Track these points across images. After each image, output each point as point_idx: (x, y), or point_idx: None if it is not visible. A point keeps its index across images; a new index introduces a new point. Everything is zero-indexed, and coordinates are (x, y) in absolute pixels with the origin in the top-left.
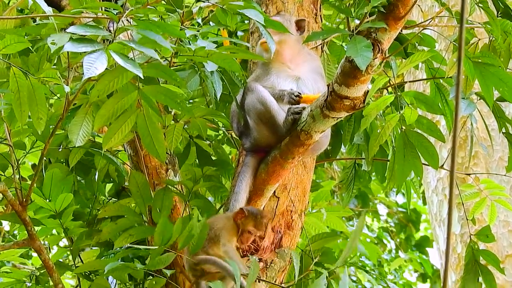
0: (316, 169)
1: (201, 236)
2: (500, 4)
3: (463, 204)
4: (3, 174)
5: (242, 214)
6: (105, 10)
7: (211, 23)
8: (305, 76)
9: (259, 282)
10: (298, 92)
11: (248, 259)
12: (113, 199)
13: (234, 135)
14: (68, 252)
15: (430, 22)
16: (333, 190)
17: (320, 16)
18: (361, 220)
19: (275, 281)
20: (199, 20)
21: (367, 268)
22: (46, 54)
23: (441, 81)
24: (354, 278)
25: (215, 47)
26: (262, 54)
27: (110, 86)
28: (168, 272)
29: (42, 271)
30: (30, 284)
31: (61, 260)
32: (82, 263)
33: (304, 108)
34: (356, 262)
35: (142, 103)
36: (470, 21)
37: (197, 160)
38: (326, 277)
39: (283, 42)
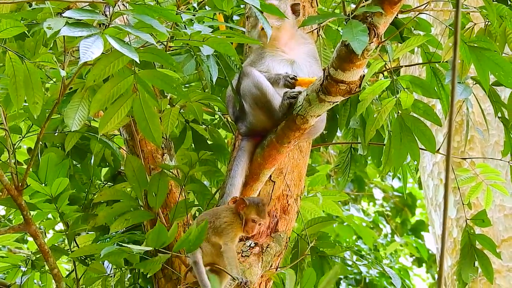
0: (312, 153)
1: (198, 238)
2: None
3: (459, 189)
4: None
5: (243, 204)
6: None
7: (207, 7)
8: (300, 59)
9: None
10: (294, 75)
11: (244, 244)
12: (108, 183)
13: (230, 120)
14: (64, 237)
15: (426, 6)
16: (329, 174)
17: (316, 0)
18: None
19: (271, 266)
20: (195, 5)
21: (363, 253)
22: (42, 38)
23: (437, 65)
24: (350, 263)
25: (211, 32)
26: (260, 39)
27: (106, 70)
28: (163, 258)
29: (37, 256)
30: (26, 268)
31: (56, 244)
32: (78, 247)
33: (300, 93)
34: (352, 246)
35: (138, 88)
36: (466, 5)
37: (193, 145)
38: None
39: (279, 27)
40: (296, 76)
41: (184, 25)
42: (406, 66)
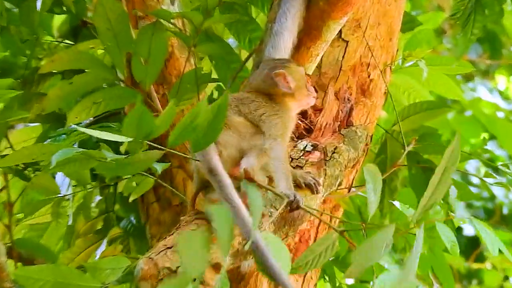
0: None
1: (213, 126)
2: None
3: None
4: None
5: (283, 75)
6: None
7: None
8: None
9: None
10: None
11: (295, 146)
12: (66, 41)
13: None
14: None
15: None
16: (440, 29)
17: None
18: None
19: (339, 183)
20: None
21: (499, 164)
22: None
23: None
24: (476, 181)
25: None
26: None
27: None
28: (159, 168)
29: None
30: None
31: None
32: (12, 149)
33: None
34: (480, 152)
35: None
36: None
37: None
38: None
39: None
40: None
41: None
42: None
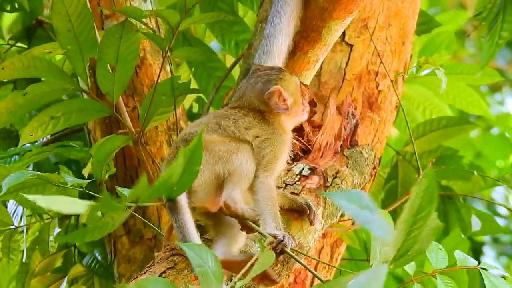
0: None
1: (186, 178)
2: None
3: None
4: None
5: (278, 93)
6: None
7: None
8: None
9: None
10: None
11: (290, 170)
12: (18, 44)
13: None
14: None
15: None
16: (462, 31)
17: None
18: None
19: (342, 214)
20: None
21: None
22: None
23: None
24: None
25: None
26: None
27: None
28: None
29: None
30: None
31: None
32: None
33: None
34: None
35: None
36: None
37: None
38: None
39: None
40: None
41: None
42: None
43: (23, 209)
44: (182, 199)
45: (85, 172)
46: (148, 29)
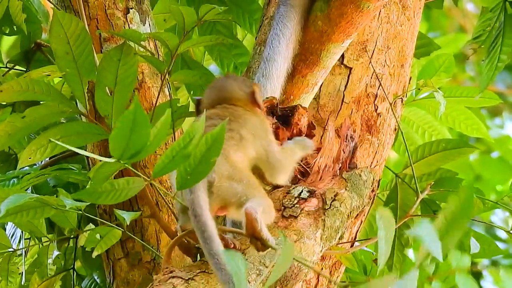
0: (428, 11)
1: (207, 155)
2: None
3: None
4: None
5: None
6: None
7: None
8: None
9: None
10: None
11: (288, 192)
12: (17, 67)
13: None
14: None
15: None
16: (462, 53)
17: None
18: None
19: (340, 236)
20: None
21: None
22: None
23: None
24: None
25: None
26: None
27: None
28: (128, 218)
29: None
30: None
31: None
32: None
33: None
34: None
35: None
36: None
37: None
38: None
39: None
40: None
41: None
42: None
43: (22, 231)
44: (206, 205)
45: None
46: (147, 52)
